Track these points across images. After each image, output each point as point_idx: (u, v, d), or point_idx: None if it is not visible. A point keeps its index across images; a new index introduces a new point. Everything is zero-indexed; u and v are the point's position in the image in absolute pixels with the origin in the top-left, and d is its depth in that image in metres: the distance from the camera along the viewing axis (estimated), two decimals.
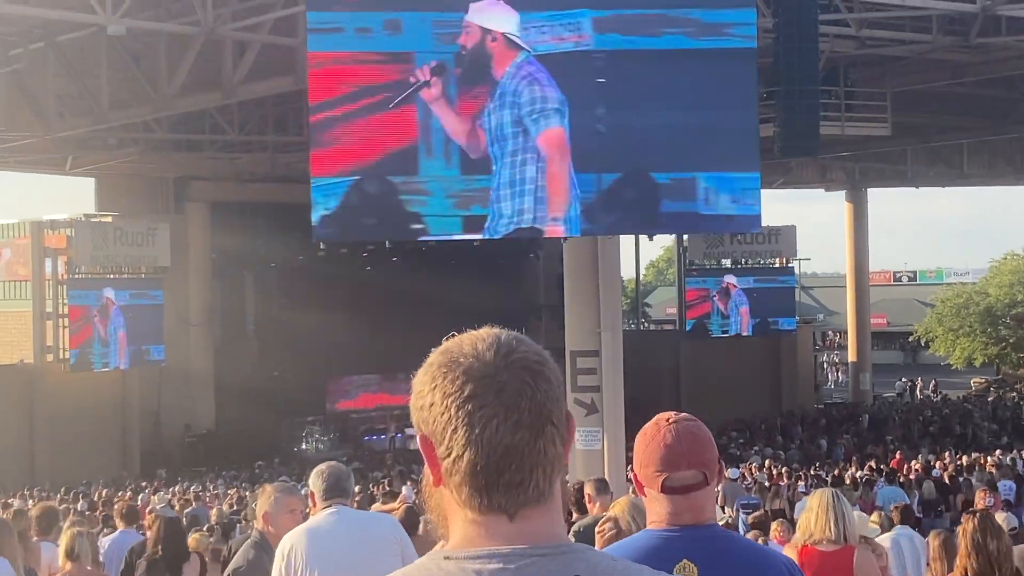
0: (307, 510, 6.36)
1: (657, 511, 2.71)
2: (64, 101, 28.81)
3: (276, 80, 26.17)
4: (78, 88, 27.62)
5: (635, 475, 2.79)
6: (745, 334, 38.79)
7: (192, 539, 8.28)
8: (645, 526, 2.82)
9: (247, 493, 23.11)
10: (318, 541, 5.00)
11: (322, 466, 5.31)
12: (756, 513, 9.36)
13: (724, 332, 38.88)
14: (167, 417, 35.01)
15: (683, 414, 2.79)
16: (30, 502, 19.84)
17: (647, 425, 2.78)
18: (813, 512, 5.69)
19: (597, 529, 4.90)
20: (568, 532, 2.10)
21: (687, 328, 39.47)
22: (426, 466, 1.67)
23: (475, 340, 1.67)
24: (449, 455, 1.62)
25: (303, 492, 6.04)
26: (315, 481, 5.16)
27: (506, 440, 1.60)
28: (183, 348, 35.11)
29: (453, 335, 1.71)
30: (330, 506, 5.09)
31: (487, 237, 17.23)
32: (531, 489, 1.62)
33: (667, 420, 2.75)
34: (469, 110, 16.38)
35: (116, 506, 13.01)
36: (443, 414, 1.62)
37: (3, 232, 34.19)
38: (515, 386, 1.62)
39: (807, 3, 19.13)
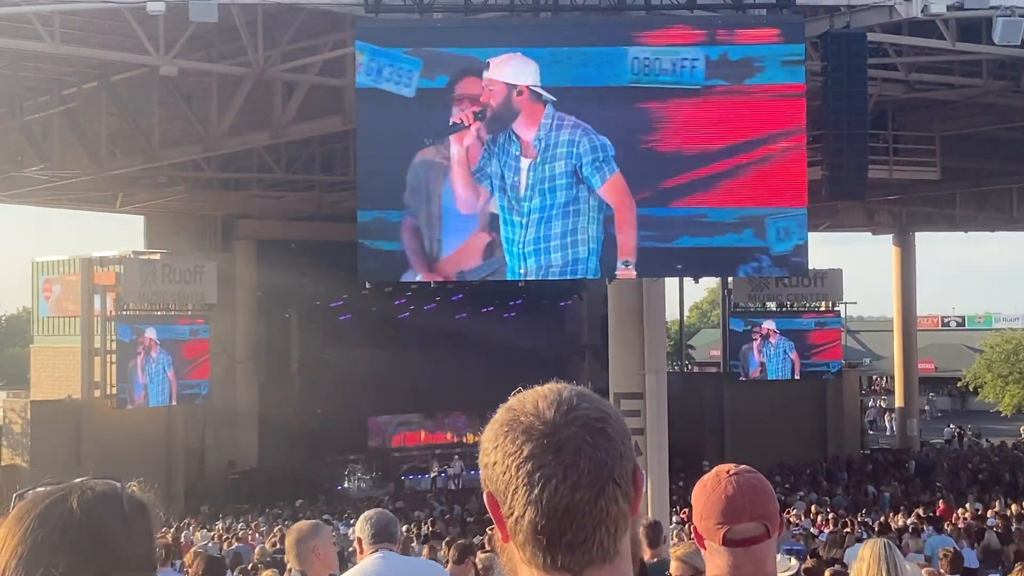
0: (353, 553, 6.34)
1: (718, 564, 2.66)
2: (116, 140, 29.24)
3: (324, 120, 26.41)
4: (130, 127, 28.03)
5: (695, 527, 2.75)
6: (790, 378, 38.47)
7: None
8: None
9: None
10: None
11: (370, 512, 5.36)
12: (808, 564, 9.19)
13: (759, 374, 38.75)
14: (211, 454, 35.17)
15: (743, 466, 2.75)
16: None
17: (706, 477, 2.74)
18: (865, 563, 5.59)
19: None
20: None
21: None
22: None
23: (537, 397, 1.65)
24: (512, 514, 1.60)
25: (344, 531, 6.02)
26: (363, 527, 5.20)
27: (565, 500, 1.57)
28: (228, 385, 35.34)
29: (520, 390, 1.69)
30: (377, 551, 5.11)
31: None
32: (595, 549, 1.60)
33: (727, 472, 2.71)
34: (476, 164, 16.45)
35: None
36: (504, 474, 1.60)
37: (53, 268, 34.62)
38: (574, 445, 1.59)
39: (856, 47, 19.02)
